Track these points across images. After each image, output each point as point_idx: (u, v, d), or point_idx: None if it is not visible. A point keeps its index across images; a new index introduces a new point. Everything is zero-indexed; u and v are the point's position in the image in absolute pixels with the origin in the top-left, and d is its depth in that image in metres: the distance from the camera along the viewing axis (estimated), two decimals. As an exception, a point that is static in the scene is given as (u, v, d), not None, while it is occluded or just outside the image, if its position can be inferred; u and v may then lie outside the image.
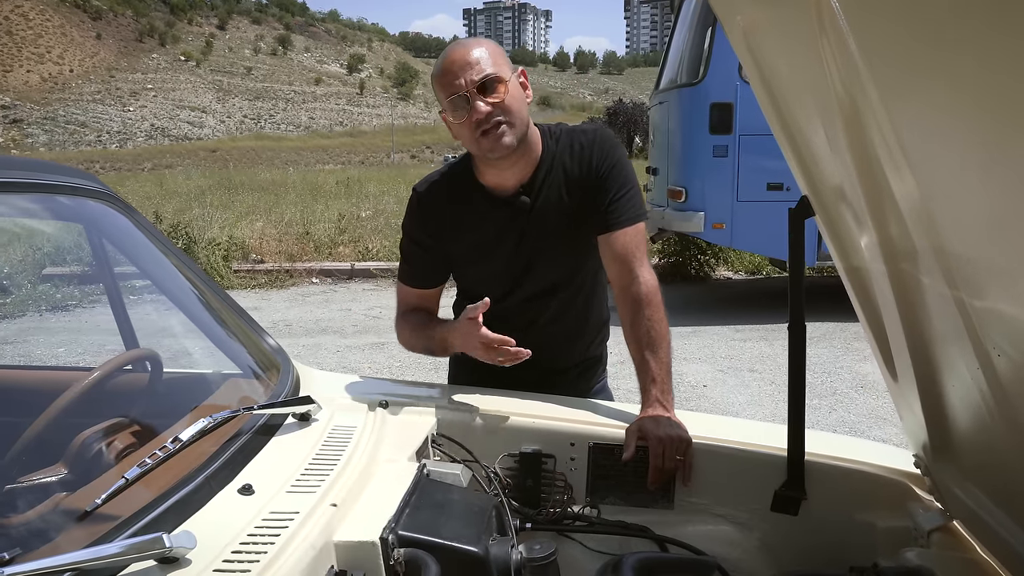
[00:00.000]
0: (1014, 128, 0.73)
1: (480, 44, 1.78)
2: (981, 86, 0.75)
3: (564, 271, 1.93)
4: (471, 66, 1.72)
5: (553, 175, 1.86)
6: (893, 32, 0.88)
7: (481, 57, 1.74)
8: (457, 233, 1.91)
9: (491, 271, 1.94)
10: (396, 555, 1.15)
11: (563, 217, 1.86)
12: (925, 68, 0.85)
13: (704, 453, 1.65)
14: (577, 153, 1.87)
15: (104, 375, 1.49)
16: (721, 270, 10.44)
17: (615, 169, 1.85)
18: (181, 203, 17.16)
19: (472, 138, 1.77)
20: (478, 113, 1.72)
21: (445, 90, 1.76)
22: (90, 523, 1.03)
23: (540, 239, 1.88)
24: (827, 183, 1.37)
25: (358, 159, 72.62)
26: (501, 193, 1.88)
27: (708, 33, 7.63)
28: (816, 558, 1.56)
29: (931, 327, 1.20)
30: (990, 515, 1.26)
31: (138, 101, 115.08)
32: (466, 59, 1.73)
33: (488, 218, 1.89)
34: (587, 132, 1.91)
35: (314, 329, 7.80)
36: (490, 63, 1.74)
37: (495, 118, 1.73)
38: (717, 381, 5.77)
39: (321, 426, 1.48)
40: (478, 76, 1.72)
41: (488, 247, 1.92)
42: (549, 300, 1.94)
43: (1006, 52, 0.68)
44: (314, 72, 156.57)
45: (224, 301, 1.84)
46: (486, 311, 1.89)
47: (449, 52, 1.79)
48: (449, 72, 1.74)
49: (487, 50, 1.76)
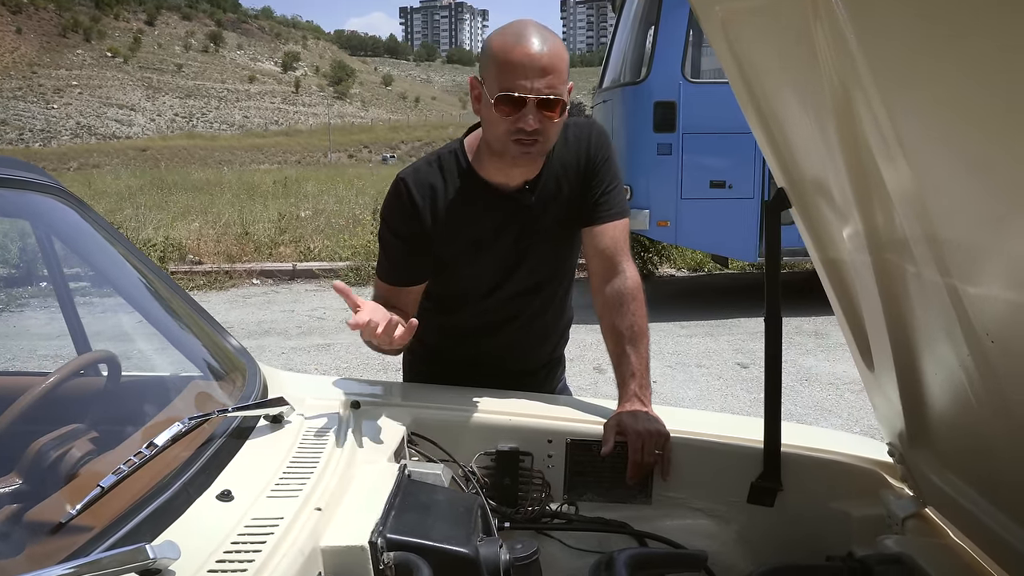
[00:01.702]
0: (1012, 113, 0.74)
1: (559, 50, 1.64)
2: (985, 69, 0.75)
3: (551, 267, 1.90)
4: (545, 74, 1.60)
5: (552, 166, 1.82)
6: (893, 16, 0.87)
7: (556, 67, 1.61)
8: (452, 229, 1.79)
9: (481, 269, 1.86)
10: (386, 559, 1.12)
11: (558, 209, 1.83)
12: (927, 53, 0.85)
13: (681, 447, 1.65)
14: (573, 144, 1.83)
15: (62, 379, 1.41)
16: (664, 267, 10.57)
17: (608, 163, 1.84)
18: (112, 203, 16.61)
19: (504, 134, 1.65)
20: (526, 124, 1.61)
21: (503, 78, 1.61)
22: (63, 535, 0.97)
23: (535, 233, 1.83)
24: (806, 175, 1.37)
25: (295, 158, 71.45)
26: (503, 188, 1.79)
27: (651, 32, 7.70)
28: (793, 548, 1.57)
29: (915, 316, 1.21)
30: (969, 500, 1.28)
31: (62, 98, 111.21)
32: (542, 63, 1.60)
33: (487, 213, 1.80)
34: (581, 125, 1.87)
35: (257, 331, 7.63)
36: (561, 81, 1.63)
37: (538, 136, 1.64)
38: (666, 377, 5.82)
39: (295, 428, 1.43)
40: (547, 91, 1.61)
41: (485, 244, 1.83)
42: (532, 298, 1.91)
43: (1013, 33, 0.68)
44: (247, 70, 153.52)
45: (185, 301, 1.76)
46: (464, 309, 1.86)
47: (526, 39, 1.61)
48: (520, 66, 1.60)
49: (563, 59, 1.64)
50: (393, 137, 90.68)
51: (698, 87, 7.35)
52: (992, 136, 0.81)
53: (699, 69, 7.58)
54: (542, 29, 1.65)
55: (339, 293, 1.48)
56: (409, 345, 2.09)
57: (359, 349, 6.71)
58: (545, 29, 1.66)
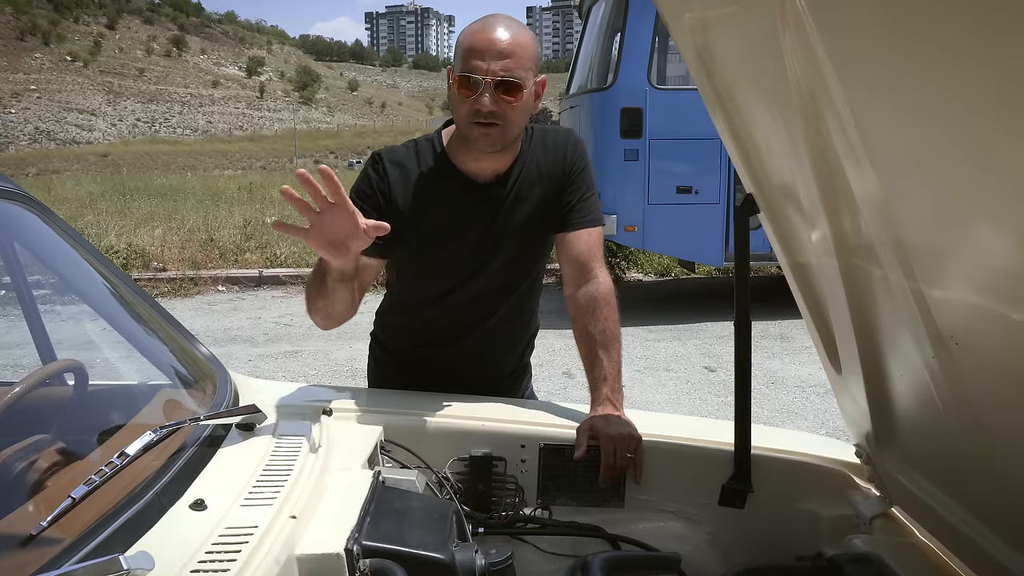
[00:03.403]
0: (981, 118, 0.76)
1: (521, 37, 1.69)
2: (949, 78, 0.77)
3: (519, 270, 1.91)
4: (503, 57, 1.65)
5: (527, 170, 1.84)
6: (859, 27, 0.89)
7: (515, 52, 1.66)
8: (419, 208, 1.80)
9: (450, 257, 1.85)
10: (362, 566, 1.12)
11: (531, 212, 1.84)
12: (892, 62, 0.87)
13: (653, 450, 1.66)
14: (551, 150, 1.86)
15: (28, 389, 1.39)
16: (632, 272, 10.63)
17: (584, 171, 1.87)
18: (72, 210, 16.29)
19: (465, 117, 1.70)
20: (482, 105, 1.66)
21: (465, 61, 1.67)
22: (33, 548, 0.95)
23: (505, 232, 1.84)
24: (774, 180, 1.39)
25: (260, 164, 70.73)
26: (475, 177, 1.82)
27: (617, 38, 7.76)
28: (764, 549, 1.59)
29: (881, 319, 1.24)
30: (932, 499, 1.30)
31: (20, 103, 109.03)
32: (500, 47, 1.65)
33: (457, 198, 1.82)
34: (559, 132, 1.91)
35: (223, 338, 7.54)
36: (520, 65, 1.66)
37: (494, 119, 1.67)
38: (635, 381, 5.86)
39: (267, 436, 1.42)
40: (503, 73, 1.65)
41: (454, 228, 1.83)
42: (499, 300, 1.91)
43: (975, 44, 0.70)
44: (211, 75, 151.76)
45: (152, 307, 1.74)
46: (432, 307, 1.85)
47: (490, 26, 1.68)
48: (478, 49, 1.66)
49: (524, 47, 1.68)
50: (359, 142, 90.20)
51: (664, 93, 7.42)
52: (953, 143, 0.84)
53: (665, 75, 7.66)
54: (511, 21, 1.71)
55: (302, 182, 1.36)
56: (374, 351, 2.09)
57: (327, 356, 6.67)
58: (514, 21, 1.71)
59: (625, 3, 7.51)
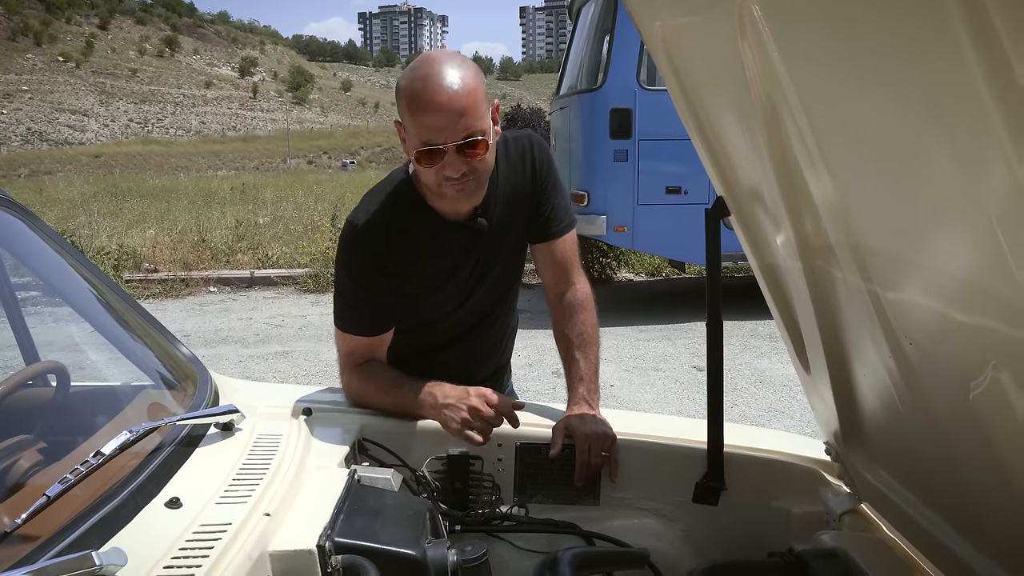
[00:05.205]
0: (932, 122, 0.78)
1: (468, 81, 1.55)
2: (895, 89, 0.80)
3: (506, 281, 1.92)
4: (459, 117, 1.53)
5: (500, 193, 1.80)
6: (813, 37, 0.92)
7: (467, 106, 1.53)
8: (417, 267, 1.76)
9: (444, 296, 1.84)
10: (334, 562, 1.14)
11: (512, 230, 1.84)
12: (842, 72, 0.90)
13: (628, 449, 1.69)
14: (517, 163, 1.81)
15: (9, 390, 1.41)
16: (623, 272, 10.67)
17: (551, 176, 1.85)
18: (64, 211, 16.29)
19: (435, 183, 1.62)
20: (452, 171, 1.58)
21: (420, 130, 1.56)
22: (8, 545, 0.98)
23: (493, 256, 1.83)
24: (743, 184, 1.42)
25: (253, 164, 70.65)
26: (456, 216, 1.75)
27: (607, 40, 7.79)
28: (737, 546, 1.62)
29: (844, 320, 1.27)
30: (898, 496, 1.33)
31: (12, 103, 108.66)
32: (454, 107, 1.52)
33: (446, 244, 1.77)
34: (520, 139, 1.84)
35: (214, 339, 7.55)
36: (475, 114, 1.55)
37: (468, 178, 1.61)
38: (624, 380, 5.89)
39: (246, 436, 1.44)
40: (463, 134, 1.55)
41: (448, 273, 1.80)
42: (488, 310, 1.93)
43: (925, 50, 0.73)
44: (204, 75, 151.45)
45: (135, 310, 1.76)
46: (424, 331, 1.87)
47: (433, 83, 1.53)
48: (432, 117, 1.53)
49: (474, 92, 1.55)
50: (353, 143, 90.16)
51: (653, 94, 7.44)
52: (904, 151, 0.87)
53: (654, 76, 7.69)
54: (450, 63, 1.56)
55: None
56: None
57: (317, 356, 6.68)
58: (454, 61, 1.58)
59: (614, 4, 7.55)
